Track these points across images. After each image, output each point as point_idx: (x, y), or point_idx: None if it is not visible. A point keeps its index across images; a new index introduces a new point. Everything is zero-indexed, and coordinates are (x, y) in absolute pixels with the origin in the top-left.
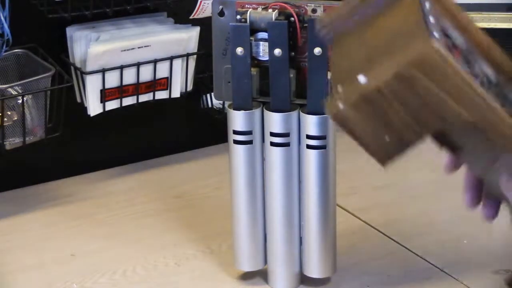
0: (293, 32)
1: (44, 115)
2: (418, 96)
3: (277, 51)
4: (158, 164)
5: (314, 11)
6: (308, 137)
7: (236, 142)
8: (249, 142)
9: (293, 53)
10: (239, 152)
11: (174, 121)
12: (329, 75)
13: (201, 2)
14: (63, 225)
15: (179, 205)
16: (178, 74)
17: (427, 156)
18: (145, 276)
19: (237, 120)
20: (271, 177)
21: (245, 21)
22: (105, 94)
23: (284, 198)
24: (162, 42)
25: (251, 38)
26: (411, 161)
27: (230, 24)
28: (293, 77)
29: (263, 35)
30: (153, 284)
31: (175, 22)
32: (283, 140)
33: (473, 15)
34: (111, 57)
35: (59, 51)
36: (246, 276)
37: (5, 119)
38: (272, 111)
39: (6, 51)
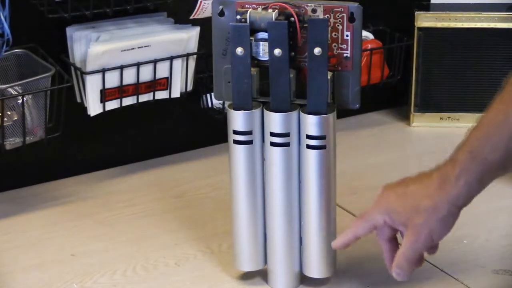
0: (293, 32)
1: (44, 115)
2: None
3: (277, 51)
4: (158, 164)
5: (314, 11)
6: (308, 137)
7: (236, 142)
8: (249, 142)
9: (293, 53)
10: (239, 152)
11: (174, 121)
12: (329, 75)
13: (201, 2)
14: (63, 225)
15: (179, 205)
16: (178, 74)
17: (427, 157)
18: (145, 276)
19: (237, 120)
20: (271, 177)
21: (245, 21)
22: (105, 94)
23: (284, 198)
24: (162, 42)
25: (251, 38)
26: (411, 161)
27: (230, 24)
28: (293, 77)
29: (263, 35)
30: (153, 284)
31: (175, 22)
32: (283, 140)
33: (473, 15)
34: (111, 57)
35: (59, 51)
36: (246, 276)
37: (5, 119)
38: (272, 111)
39: (6, 51)
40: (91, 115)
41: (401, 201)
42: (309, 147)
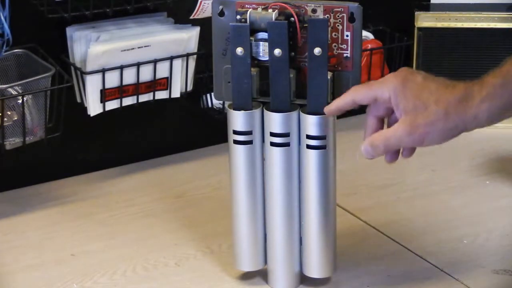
0: (293, 32)
1: (44, 115)
2: None
3: (277, 51)
4: (158, 164)
5: (314, 11)
6: (308, 137)
7: (236, 142)
8: (249, 142)
9: (293, 53)
10: (239, 152)
11: (174, 121)
12: (329, 75)
13: (201, 2)
14: (63, 225)
15: (179, 205)
16: (178, 74)
17: (427, 157)
18: (145, 276)
19: (237, 120)
20: (271, 177)
21: (245, 21)
22: (105, 94)
23: (284, 198)
24: (162, 42)
25: (251, 38)
26: (411, 161)
27: (230, 24)
28: (293, 77)
29: (263, 35)
30: (153, 284)
31: (175, 22)
32: (283, 140)
33: (473, 15)
34: (111, 57)
35: (59, 51)
36: (246, 276)
37: (5, 119)
38: (272, 111)
39: (6, 51)
40: (91, 115)
41: (416, 90)
42: (309, 147)
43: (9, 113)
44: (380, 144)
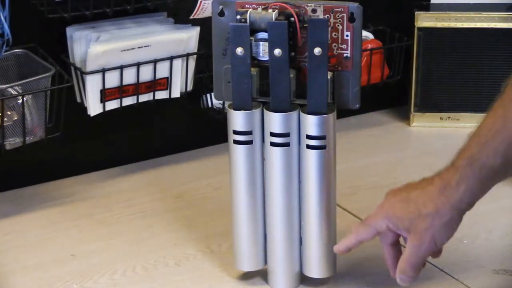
0: (293, 32)
1: (44, 115)
2: None
3: (277, 51)
4: (158, 164)
5: (314, 11)
6: (308, 137)
7: (236, 142)
8: (249, 142)
9: (293, 53)
10: (239, 152)
11: (174, 121)
12: (329, 75)
13: (201, 2)
14: (63, 225)
15: (179, 205)
16: (178, 74)
17: (427, 157)
18: (145, 276)
19: (237, 120)
20: (271, 177)
21: (245, 21)
22: (105, 94)
23: (284, 198)
24: (162, 42)
25: (251, 38)
26: (411, 161)
27: (230, 24)
28: (293, 77)
29: (263, 35)
30: (153, 284)
31: (175, 22)
32: (283, 140)
33: (473, 15)
34: (111, 57)
35: (59, 51)
36: (246, 276)
37: (5, 119)
38: (272, 111)
39: (6, 51)
40: (91, 115)
41: (404, 206)
42: (309, 147)
43: (9, 113)
44: (407, 268)
